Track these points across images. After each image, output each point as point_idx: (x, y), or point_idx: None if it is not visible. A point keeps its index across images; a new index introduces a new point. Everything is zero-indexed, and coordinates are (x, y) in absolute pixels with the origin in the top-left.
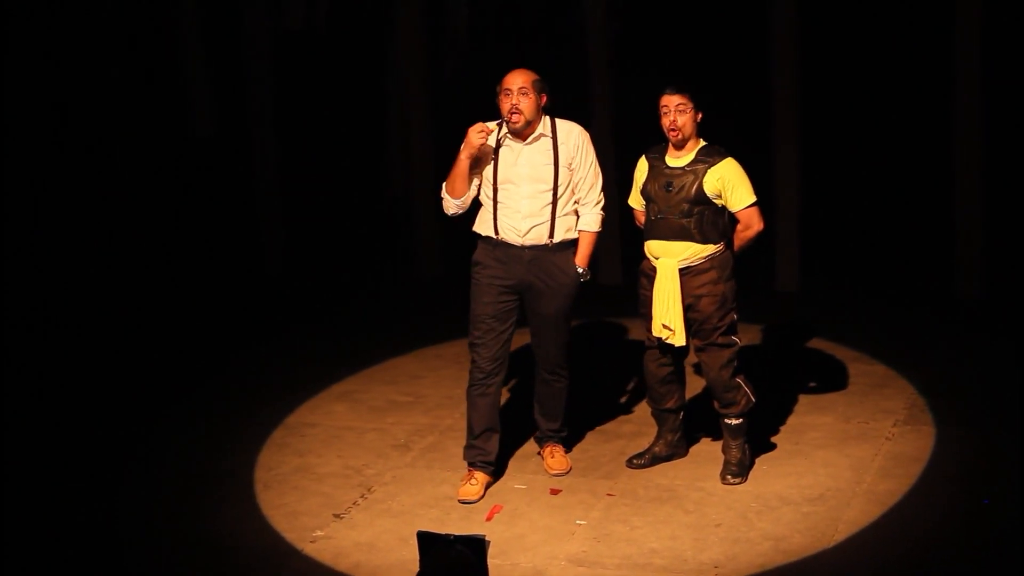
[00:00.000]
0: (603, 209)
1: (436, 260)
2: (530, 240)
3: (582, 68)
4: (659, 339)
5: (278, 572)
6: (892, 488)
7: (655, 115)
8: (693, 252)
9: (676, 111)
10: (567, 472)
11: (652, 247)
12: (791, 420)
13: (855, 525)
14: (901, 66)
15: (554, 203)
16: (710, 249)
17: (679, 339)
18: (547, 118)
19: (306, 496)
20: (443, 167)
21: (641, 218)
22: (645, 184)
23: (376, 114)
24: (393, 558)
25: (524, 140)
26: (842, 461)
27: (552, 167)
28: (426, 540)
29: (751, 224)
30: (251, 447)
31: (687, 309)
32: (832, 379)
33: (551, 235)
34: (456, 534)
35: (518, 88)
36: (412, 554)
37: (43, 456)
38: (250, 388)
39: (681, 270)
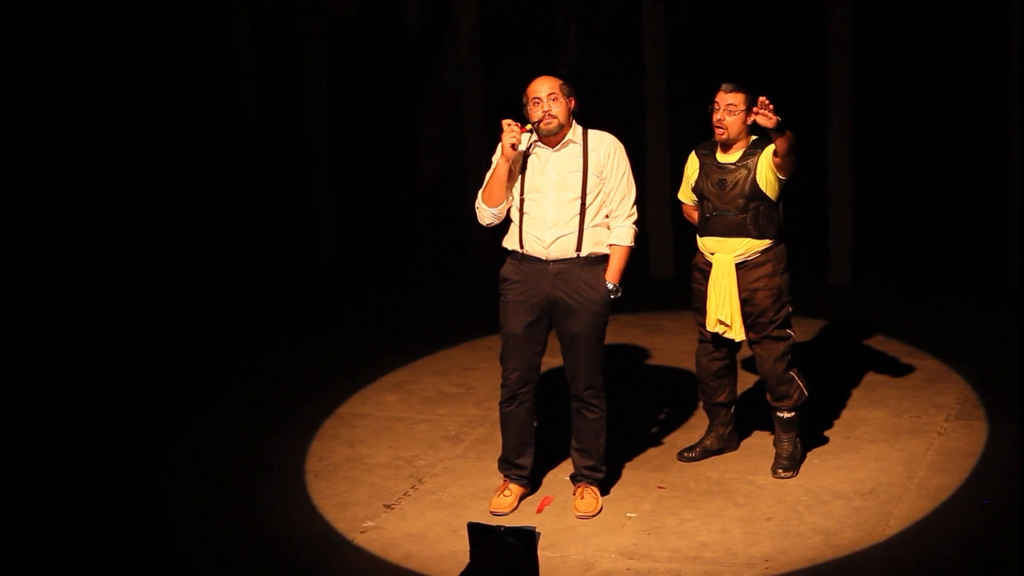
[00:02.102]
0: (636, 224)
1: (489, 250)
2: (555, 253)
3: (637, 64)
4: (713, 333)
5: (328, 562)
6: (944, 483)
7: (707, 110)
8: (749, 247)
9: (725, 110)
10: (594, 515)
11: (707, 243)
12: (843, 414)
13: (906, 520)
14: (956, 58)
15: (582, 213)
16: (766, 243)
17: (737, 334)
18: (579, 127)
19: (357, 486)
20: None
21: (691, 212)
22: (698, 181)
23: (429, 105)
24: (443, 549)
25: (553, 147)
26: (894, 456)
27: (580, 174)
28: (477, 531)
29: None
30: (302, 437)
31: (743, 303)
32: (884, 373)
33: (578, 247)
34: (507, 526)
35: (547, 95)
36: (462, 545)
37: (92, 448)
38: (301, 378)
39: (737, 264)
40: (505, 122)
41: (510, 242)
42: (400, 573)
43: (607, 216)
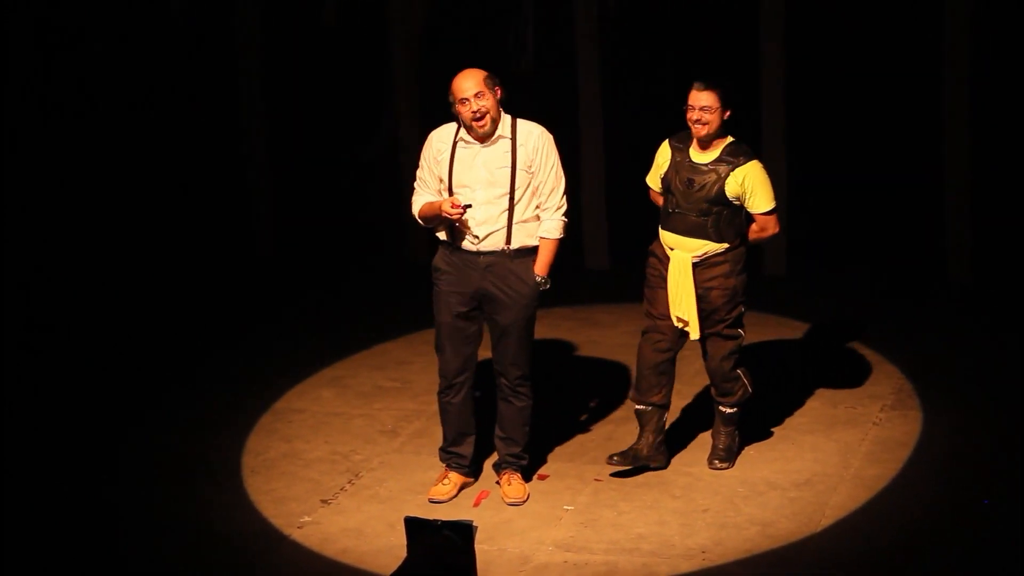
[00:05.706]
0: (566, 215)
1: (425, 244)
2: (486, 246)
3: (572, 62)
4: (663, 322)
5: (265, 557)
6: (879, 473)
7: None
8: (707, 249)
9: (701, 111)
10: (524, 501)
11: (667, 238)
12: (779, 405)
13: (842, 510)
14: (890, 52)
15: (511, 208)
16: (724, 246)
17: (694, 332)
18: (508, 118)
19: (294, 482)
20: None
21: (657, 198)
22: (667, 174)
23: (368, 102)
24: (381, 543)
25: (482, 142)
26: (829, 446)
27: (509, 170)
28: (414, 526)
29: (767, 228)
30: (239, 432)
31: (697, 299)
32: (820, 364)
33: (508, 241)
34: (444, 520)
35: (474, 94)
36: (400, 539)
37: (33, 446)
38: (238, 373)
39: (694, 263)
40: (451, 203)
41: (442, 232)
42: (337, 568)
43: (537, 208)
